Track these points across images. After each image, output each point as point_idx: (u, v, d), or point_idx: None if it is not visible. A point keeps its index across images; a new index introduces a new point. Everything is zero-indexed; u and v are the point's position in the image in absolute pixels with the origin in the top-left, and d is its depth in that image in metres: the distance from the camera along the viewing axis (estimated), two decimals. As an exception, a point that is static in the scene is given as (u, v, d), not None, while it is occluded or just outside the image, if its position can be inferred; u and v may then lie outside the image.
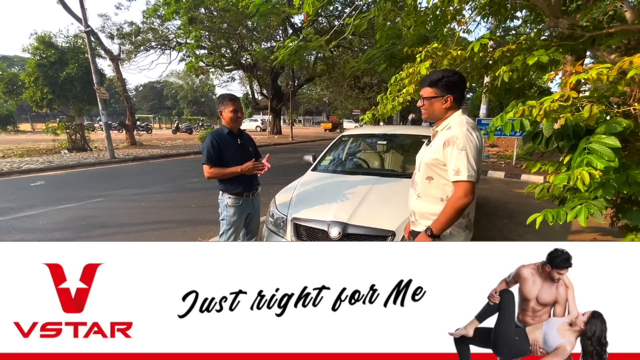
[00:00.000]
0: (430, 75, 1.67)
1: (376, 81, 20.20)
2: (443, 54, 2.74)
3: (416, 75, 2.90)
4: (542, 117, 1.73)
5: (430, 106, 1.67)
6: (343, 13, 15.21)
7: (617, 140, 1.58)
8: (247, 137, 2.60)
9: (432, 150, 1.65)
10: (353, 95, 24.54)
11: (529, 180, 7.50)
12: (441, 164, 1.59)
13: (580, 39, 2.48)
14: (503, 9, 3.41)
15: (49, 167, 8.62)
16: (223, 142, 2.36)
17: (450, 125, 1.61)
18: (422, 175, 1.70)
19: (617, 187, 1.72)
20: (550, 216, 1.72)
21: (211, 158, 2.31)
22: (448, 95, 1.61)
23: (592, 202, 1.67)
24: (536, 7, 2.98)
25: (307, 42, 4.78)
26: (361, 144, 4.27)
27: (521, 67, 2.35)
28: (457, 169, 1.49)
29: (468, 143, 1.51)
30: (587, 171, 1.53)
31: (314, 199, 2.66)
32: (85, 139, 12.58)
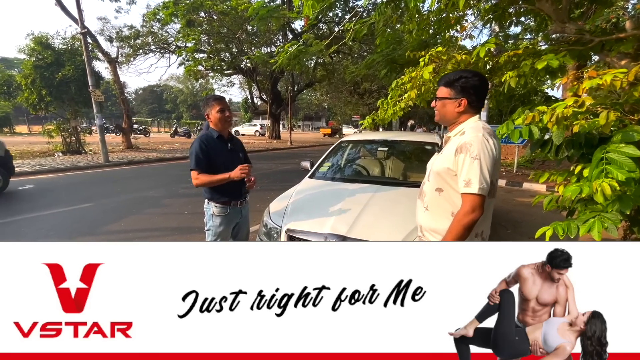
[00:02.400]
0: (448, 74, 1.52)
1: (376, 87, 20.17)
2: (447, 58, 2.68)
3: (419, 79, 2.83)
4: (554, 124, 1.63)
5: (443, 107, 1.51)
6: (343, 19, 15.20)
7: (637, 149, 1.48)
8: (238, 142, 2.42)
9: (443, 157, 1.49)
10: (353, 101, 24.40)
11: (530, 189, 7.42)
12: (453, 174, 1.43)
13: (589, 44, 2.40)
14: (507, 13, 3.36)
15: (40, 170, 8.49)
16: (212, 146, 2.18)
17: (464, 131, 1.45)
18: (432, 185, 1.53)
19: (634, 199, 1.59)
20: (561, 230, 1.61)
21: (200, 163, 2.13)
22: (462, 98, 1.45)
23: (606, 215, 1.55)
24: (541, 12, 2.93)
25: (308, 46, 4.75)
26: (361, 150, 4.13)
27: (529, 72, 2.26)
28: (468, 180, 1.33)
29: (483, 151, 1.34)
30: (607, 183, 1.42)
31: (311, 208, 2.51)
32: (80, 142, 12.51)
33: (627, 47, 2.35)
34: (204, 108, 2.23)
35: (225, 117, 2.20)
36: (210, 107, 2.18)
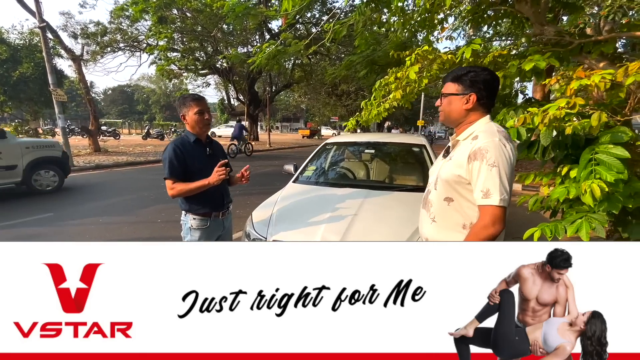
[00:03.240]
0: (455, 70, 1.41)
1: (354, 89, 19.97)
2: (433, 57, 2.66)
3: (404, 79, 2.79)
4: (545, 126, 1.62)
5: (449, 105, 1.38)
6: (321, 20, 14.89)
7: (625, 150, 1.49)
8: (217, 145, 2.17)
9: (453, 164, 1.36)
10: (331, 102, 24.16)
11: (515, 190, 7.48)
12: (465, 182, 1.30)
13: (569, 46, 2.43)
14: (486, 16, 3.39)
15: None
16: (189, 152, 1.95)
17: (476, 134, 1.32)
18: (439, 194, 1.40)
19: (623, 200, 1.61)
20: (548, 231, 1.62)
21: (175, 171, 1.90)
22: (471, 94, 1.32)
23: (593, 216, 1.56)
24: (520, 14, 2.95)
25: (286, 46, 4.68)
26: (347, 152, 3.96)
27: (516, 72, 2.28)
28: (487, 190, 1.22)
29: (501, 157, 1.23)
30: (597, 184, 1.42)
31: (298, 216, 2.35)
32: (41, 145, 11.71)
33: (609, 49, 2.36)
34: (180, 108, 1.98)
35: (204, 120, 1.96)
36: (188, 108, 1.94)
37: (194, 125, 1.97)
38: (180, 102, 1.99)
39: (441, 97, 1.42)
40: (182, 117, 1.98)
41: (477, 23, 3.50)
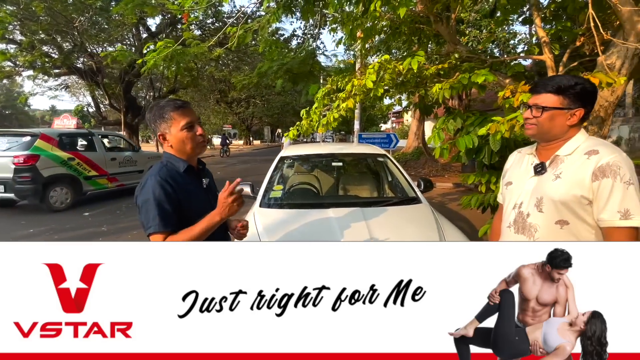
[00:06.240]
0: (554, 79, 1.24)
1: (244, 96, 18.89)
2: (392, 67, 2.83)
3: (361, 88, 2.86)
4: (510, 133, 2.03)
5: (550, 121, 1.22)
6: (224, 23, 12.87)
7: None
8: (209, 173, 1.61)
9: (567, 183, 1.21)
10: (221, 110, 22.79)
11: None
12: (585, 203, 1.18)
13: (484, 65, 2.92)
14: (402, 33, 3.73)
15: None
16: (181, 187, 1.34)
17: (594, 148, 1.18)
18: (549, 217, 1.24)
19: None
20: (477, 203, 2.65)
21: (169, 219, 1.29)
22: (578, 109, 1.19)
23: None
24: (437, 33, 3.37)
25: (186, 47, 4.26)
26: (309, 166, 3.63)
27: (468, 84, 2.61)
28: (626, 211, 1.12)
29: (633, 173, 1.13)
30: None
31: None
32: None
33: (520, 68, 2.97)
34: (157, 122, 1.36)
35: (197, 137, 1.37)
36: (168, 123, 1.34)
37: (182, 147, 1.37)
38: (154, 114, 1.36)
39: (532, 109, 1.25)
40: (161, 137, 1.38)
41: (394, 39, 3.81)
